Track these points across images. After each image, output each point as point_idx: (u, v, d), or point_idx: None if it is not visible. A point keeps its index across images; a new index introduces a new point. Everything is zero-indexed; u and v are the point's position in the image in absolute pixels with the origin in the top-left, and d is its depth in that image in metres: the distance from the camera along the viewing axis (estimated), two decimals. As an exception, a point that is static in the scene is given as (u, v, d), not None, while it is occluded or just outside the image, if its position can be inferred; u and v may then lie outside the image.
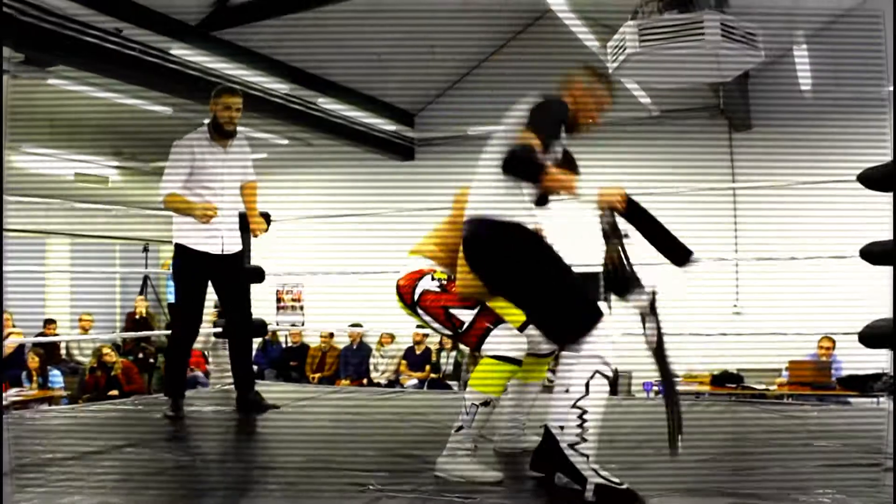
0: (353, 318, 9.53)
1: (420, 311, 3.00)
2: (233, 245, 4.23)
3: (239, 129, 4.25)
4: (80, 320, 9.38)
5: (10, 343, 8.47)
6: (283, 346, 10.43)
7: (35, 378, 8.28)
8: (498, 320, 2.84)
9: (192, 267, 4.16)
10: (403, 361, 9.56)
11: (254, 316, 4.57)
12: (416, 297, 3.00)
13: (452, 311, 2.90)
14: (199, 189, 4.09)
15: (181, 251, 4.19)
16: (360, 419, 4.24)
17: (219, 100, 4.13)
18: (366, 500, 2.54)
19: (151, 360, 9.83)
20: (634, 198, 2.54)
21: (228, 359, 4.44)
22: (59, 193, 9.43)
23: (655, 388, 7.67)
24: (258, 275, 4.91)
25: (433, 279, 3.03)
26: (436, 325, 2.99)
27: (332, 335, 10.06)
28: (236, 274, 4.33)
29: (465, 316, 2.87)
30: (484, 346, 2.81)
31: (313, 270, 9.26)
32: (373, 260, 8.76)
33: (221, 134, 4.13)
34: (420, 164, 10.38)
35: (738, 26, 4.48)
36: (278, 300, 10.78)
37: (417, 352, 9.53)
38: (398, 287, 3.08)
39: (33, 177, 9.25)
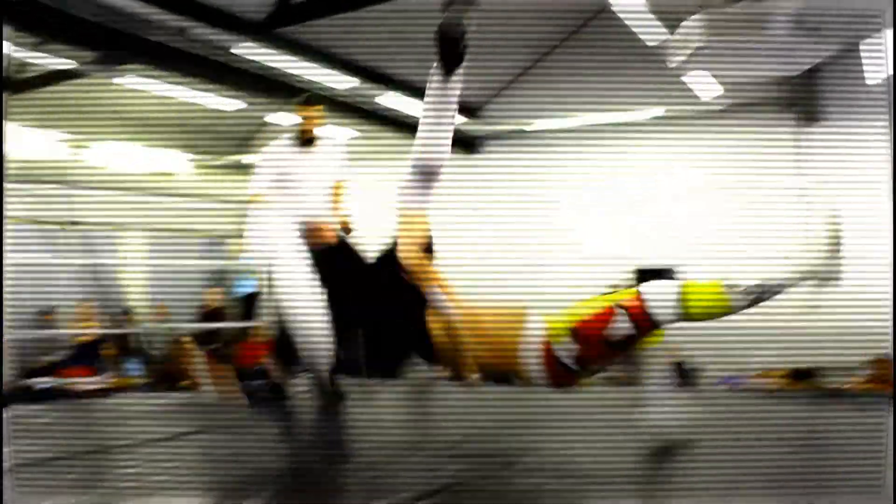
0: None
1: None
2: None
3: (327, 132, 4.39)
4: (156, 311, 9.61)
5: (90, 333, 8.73)
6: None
7: (113, 367, 8.53)
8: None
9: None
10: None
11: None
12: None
13: None
14: (285, 192, 4.25)
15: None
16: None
17: (299, 108, 4.27)
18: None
19: (225, 352, 10.02)
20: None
21: None
22: (134, 188, 9.65)
23: (727, 384, 7.59)
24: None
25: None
26: None
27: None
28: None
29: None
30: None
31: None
32: (437, 253, 8.85)
33: (304, 140, 4.28)
34: (483, 159, 10.37)
35: (808, 17, 4.42)
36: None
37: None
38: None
39: (108, 172, 9.49)
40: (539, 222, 8.86)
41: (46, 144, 8.91)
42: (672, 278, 6.94)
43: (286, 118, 7.95)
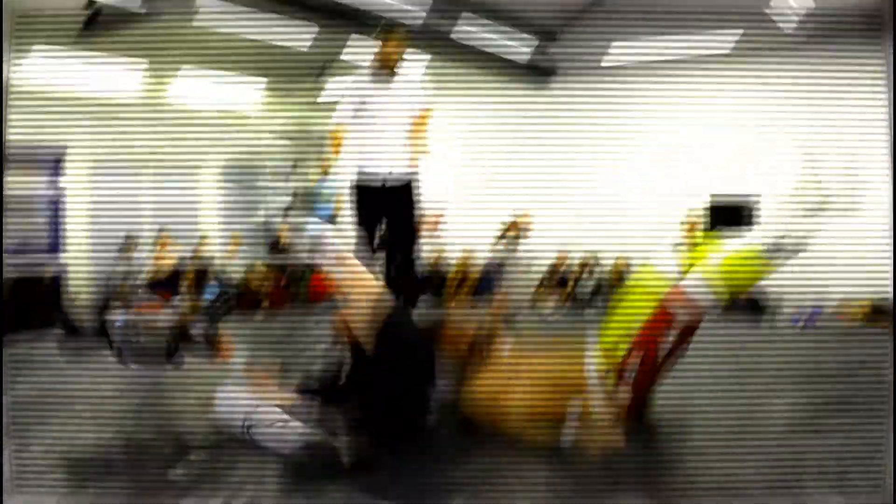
0: (494, 238, 9.59)
1: None
2: (397, 176, 4.36)
3: (408, 61, 4.37)
4: (231, 239, 9.78)
5: (170, 259, 8.94)
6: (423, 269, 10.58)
7: (190, 294, 8.74)
8: None
9: (360, 199, 4.36)
10: (541, 288, 9.59)
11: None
12: None
13: None
14: (366, 122, 4.28)
15: (354, 184, 4.51)
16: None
17: (379, 38, 4.28)
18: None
19: (298, 279, 10.18)
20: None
21: None
22: (211, 117, 9.74)
23: (802, 321, 7.45)
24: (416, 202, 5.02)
25: None
26: None
27: (471, 257, 10.14)
28: (401, 205, 4.48)
29: None
30: None
31: (453, 198, 9.33)
32: (510, 187, 8.78)
33: (384, 70, 4.29)
34: (557, 92, 10.18)
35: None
36: (419, 221, 10.89)
37: (556, 274, 9.52)
38: None
39: (188, 101, 9.58)
40: (612, 156, 8.72)
41: (127, 81, 9.03)
42: (747, 216, 6.82)
43: (363, 50, 7.90)
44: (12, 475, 2.18)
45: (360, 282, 3.04)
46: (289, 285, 9.72)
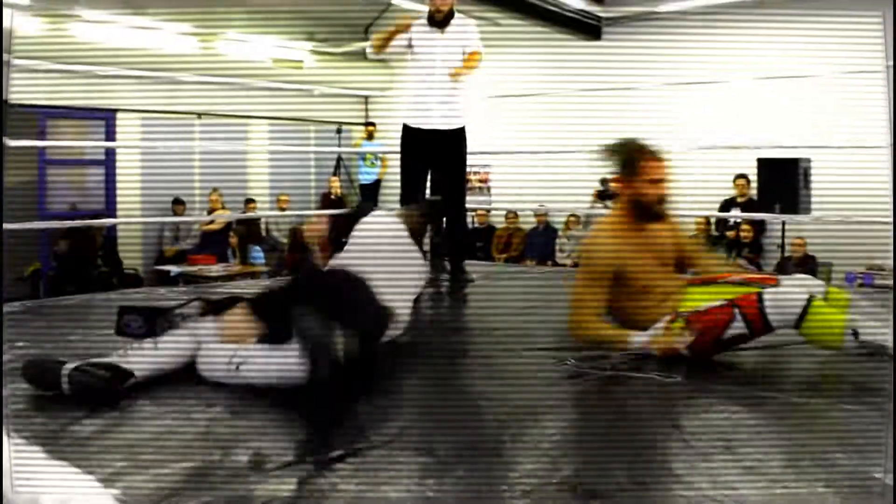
0: (539, 200, 9.52)
1: None
2: (447, 123, 4.42)
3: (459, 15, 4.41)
4: (278, 200, 9.84)
5: (220, 220, 9.03)
6: (470, 226, 10.58)
7: (238, 255, 8.83)
8: None
9: (408, 143, 4.46)
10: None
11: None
12: None
13: None
14: (416, 69, 4.36)
15: (404, 127, 4.49)
16: (550, 297, 4.33)
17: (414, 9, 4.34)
18: (565, 373, 2.70)
19: (344, 239, 10.22)
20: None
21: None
22: (258, 76, 9.77)
23: (860, 279, 7.33)
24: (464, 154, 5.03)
25: None
26: None
27: (517, 216, 10.12)
28: (450, 151, 4.50)
29: None
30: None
31: (500, 151, 9.26)
32: (559, 140, 8.69)
33: (434, 22, 4.34)
34: (608, 44, 10.03)
35: None
36: (466, 181, 10.89)
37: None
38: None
39: (234, 62, 9.61)
40: (662, 110, 8.58)
41: (176, 38, 9.07)
42: (797, 173, 6.69)
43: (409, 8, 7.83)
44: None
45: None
46: (337, 241, 9.77)
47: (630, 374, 2.65)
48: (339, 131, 11.03)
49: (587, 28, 10.04)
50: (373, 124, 10.69)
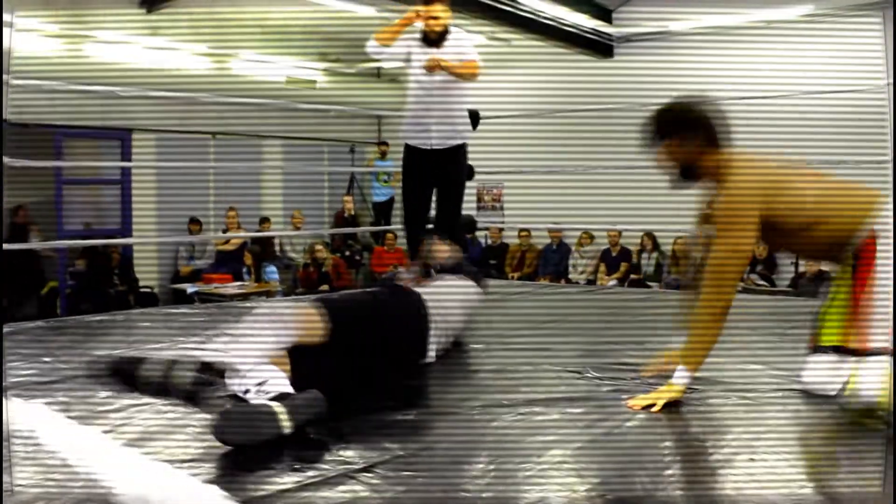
0: (552, 218, 9.54)
1: None
2: (443, 141, 4.39)
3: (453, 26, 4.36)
4: (292, 218, 9.90)
5: (236, 239, 9.08)
6: (483, 244, 10.62)
7: (252, 273, 8.88)
8: None
9: (408, 161, 4.45)
10: (602, 263, 9.55)
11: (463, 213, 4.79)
12: None
13: None
14: (413, 87, 4.32)
15: (405, 147, 4.47)
16: (565, 312, 4.35)
17: (421, 8, 4.28)
18: (586, 384, 2.70)
19: (358, 258, 10.29)
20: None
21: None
22: (272, 96, 9.84)
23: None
24: (468, 172, 5.04)
25: None
26: None
27: (530, 234, 10.15)
28: (447, 169, 4.49)
29: None
30: None
31: (513, 169, 9.30)
32: (572, 159, 8.72)
33: (428, 40, 4.29)
34: (619, 62, 10.07)
35: None
36: (479, 199, 10.92)
37: (614, 253, 9.49)
38: None
39: (248, 82, 9.70)
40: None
41: (191, 58, 9.16)
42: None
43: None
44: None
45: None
46: (351, 260, 9.82)
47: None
48: (352, 150, 11.10)
49: (599, 47, 10.10)
50: (385, 143, 10.75)
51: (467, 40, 4.39)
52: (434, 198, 4.62)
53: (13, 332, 3.71)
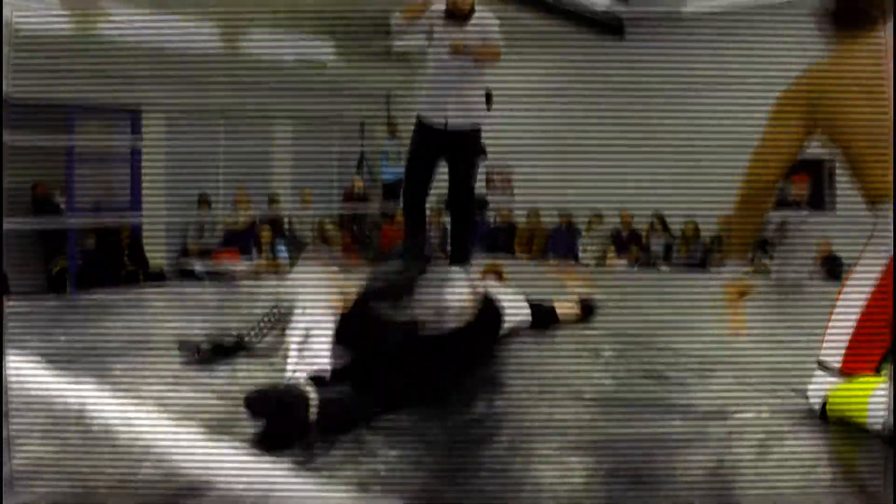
0: (561, 199, 9.54)
1: None
2: (460, 121, 4.36)
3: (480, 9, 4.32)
4: (301, 194, 9.90)
5: (245, 217, 9.08)
6: (492, 225, 10.61)
7: (264, 251, 8.88)
8: None
9: (419, 137, 4.41)
10: (611, 245, 9.54)
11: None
12: None
13: None
14: (434, 63, 4.30)
15: (417, 121, 4.43)
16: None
17: None
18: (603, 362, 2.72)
19: (367, 236, 10.29)
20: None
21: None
22: (282, 76, 9.83)
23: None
24: (482, 152, 5.00)
25: None
26: None
27: (539, 215, 10.14)
28: (462, 150, 4.47)
29: None
30: None
31: (522, 150, 9.28)
32: (583, 140, 8.69)
33: (453, 17, 4.25)
34: (631, 44, 10.01)
35: None
36: (488, 180, 10.90)
37: (624, 234, 9.47)
38: None
39: (258, 61, 9.67)
40: (686, 108, 8.57)
41: (202, 37, 9.12)
42: (821, 173, 6.68)
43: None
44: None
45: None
46: (360, 239, 9.82)
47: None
48: (361, 129, 11.08)
49: (611, 28, 10.04)
50: (395, 122, 10.72)
51: (491, 21, 4.35)
52: (447, 177, 4.61)
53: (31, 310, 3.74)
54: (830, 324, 2.29)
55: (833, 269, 7.30)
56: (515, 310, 3.35)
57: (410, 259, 4.54)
